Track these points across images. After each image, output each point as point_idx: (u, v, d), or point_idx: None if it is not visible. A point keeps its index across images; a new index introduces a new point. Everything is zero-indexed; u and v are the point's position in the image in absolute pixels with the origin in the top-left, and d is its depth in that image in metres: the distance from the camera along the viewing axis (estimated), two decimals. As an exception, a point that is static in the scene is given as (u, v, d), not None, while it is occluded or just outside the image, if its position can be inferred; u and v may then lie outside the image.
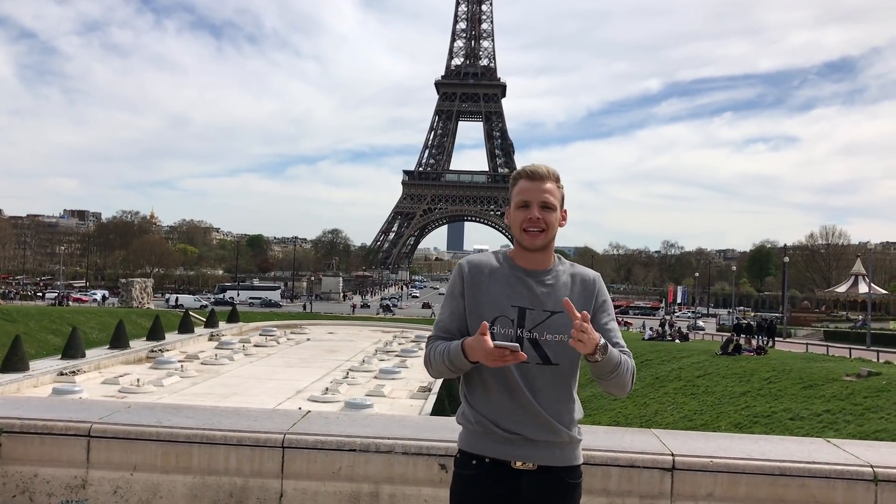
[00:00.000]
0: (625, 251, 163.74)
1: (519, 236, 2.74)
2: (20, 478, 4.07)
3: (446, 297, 2.84)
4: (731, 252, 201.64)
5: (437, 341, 2.76)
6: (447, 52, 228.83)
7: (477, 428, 2.71)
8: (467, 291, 2.74)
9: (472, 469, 2.71)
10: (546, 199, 2.70)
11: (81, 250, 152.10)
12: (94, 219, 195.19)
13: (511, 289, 2.71)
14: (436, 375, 2.81)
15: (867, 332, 47.68)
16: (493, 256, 2.83)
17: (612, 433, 4.31)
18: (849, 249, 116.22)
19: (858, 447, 4.22)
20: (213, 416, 4.38)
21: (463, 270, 2.80)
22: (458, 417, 2.85)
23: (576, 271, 2.80)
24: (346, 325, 57.64)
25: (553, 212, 2.72)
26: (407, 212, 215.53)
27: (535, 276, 2.73)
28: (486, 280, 2.74)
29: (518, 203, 2.73)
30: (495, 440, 2.68)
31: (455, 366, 2.63)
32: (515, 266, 2.76)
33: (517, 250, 2.80)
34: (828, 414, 18.75)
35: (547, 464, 2.67)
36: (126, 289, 60.33)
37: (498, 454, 2.67)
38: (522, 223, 2.71)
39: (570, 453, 2.73)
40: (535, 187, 2.71)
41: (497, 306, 2.69)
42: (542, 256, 2.76)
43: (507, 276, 2.73)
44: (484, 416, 2.70)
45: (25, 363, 27.03)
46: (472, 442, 2.74)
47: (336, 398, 24.63)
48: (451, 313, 2.78)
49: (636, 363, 2.74)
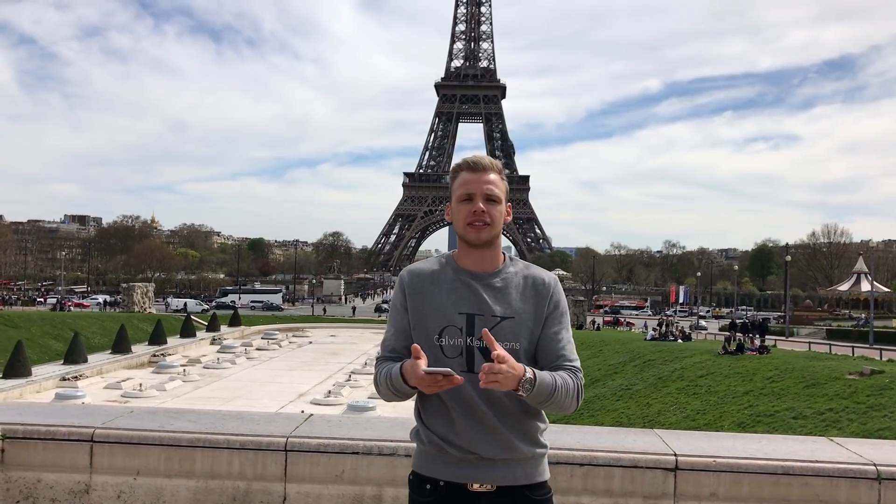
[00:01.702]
0: (626, 251, 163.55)
1: (463, 231, 2.54)
2: (23, 483, 4.07)
3: (391, 313, 2.64)
4: (732, 251, 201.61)
5: (383, 363, 2.56)
6: (446, 53, 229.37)
7: (429, 448, 2.52)
8: (410, 304, 2.55)
9: (427, 495, 2.52)
10: (490, 190, 2.51)
11: (82, 255, 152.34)
12: (95, 224, 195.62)
13: (456, 295, 2.51)
14: (386, 399, 2.58)
15: (870, 330, 47.66)
16: (436, 261, 2.64)
17: (615, 434, 4.31)
18: (850, 247, 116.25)
19: (862, 446, 4.21)
20: (215, 420, 4.38)
21: (403, 281, 2.59)
22: (411, 436, 2.66)
23: (530, 273, 2.58)
24: (348, 327, 57.64)
25: (498, 204, 2.53)
26: (408, 214, 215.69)
27: (482, 278, 2.53)
28: (429, 288, 2.54)
29: (460, 196, 2.54)
30: (449, 461, 2.48)
31: (399, 391, 2.45)
32: (460, 269, 2.56)
33: (462, 249, 2.60)
34: (831, 413, 18.74)
35: (507, 483, 2.47)
36: (127, 293, 60.37)
37: (453, 477, 2.48)
38: (466, 217, 2.51)
39: (532, 469, 2.52)
40: (477, 179, 2.52)
41: (443, 315, 2.49)
42: (490, 255, 2.56)
43: (452, 282, 2.53)
44: (437, 436, 2.50)
45: (28, 368, 27.04)
46: (424, 464, 2.55)
47: (338, 401, 24.63)
48: (395, 331, 2.59)
49: (638, 363, 2.71)
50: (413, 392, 2.45)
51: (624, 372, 29.64)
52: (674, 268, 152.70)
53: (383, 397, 2.56)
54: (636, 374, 28.67)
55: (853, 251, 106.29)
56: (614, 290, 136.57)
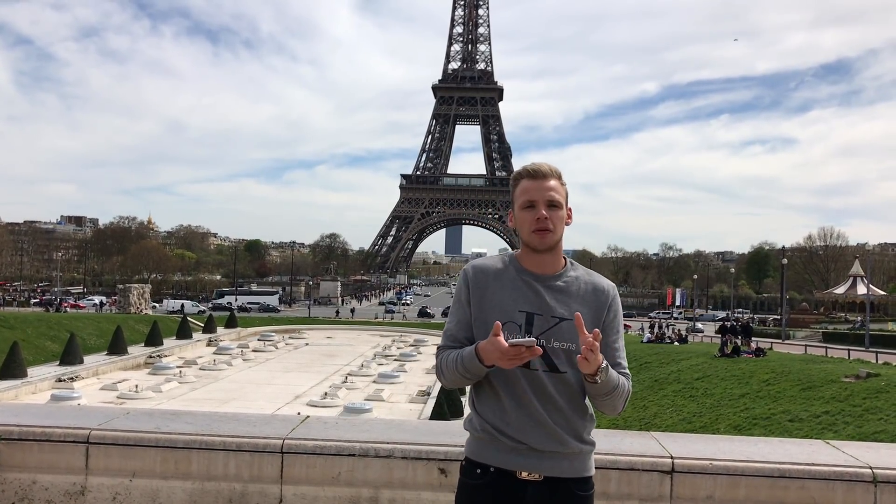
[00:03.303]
0: (623, 254, 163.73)
1: (528, 238, 2.62)
2: (19, 485, 4.06)
3: (453, 305, 2.74)
4: (729, 254, 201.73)
5: (446, 350, 2.65)
6: (444, 55, 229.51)
7: (483, 436, 2.63)
8: (473, 298, 2.64)
9: (477, 478, 2.62)
10: (552, 196, 2.60)
11: (79, 256, 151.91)
12: (92, 225, 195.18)
13: (518, 293, 2.60)
14: (450, 385, 2.73)
15: (866, 333, 47.75)
16: (500, 259, 2.72)
17: (612, 436, 4.30)
18: (847, 251, 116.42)
19: (858, 448, 4.21)
20: (211, 422, 4.38)
21: (468, 276, 2.69)
22: (465, 424, 2.76)
23: (591, 279, 2.68)
24: (345, 329, 57.52)
25: (559, 210, 2.61)
26: (405, 216, 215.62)
27: (544, 280, 2.63)
28: (492, 285, 2.64)
29: (523, 204, 2.62)
30: (501, 449, 2.59)
31: (470, 372, 2.54)
32: (523, 269, 2.65)
33: (525, 253, 2.68)
34: (827, 415, 18.76)
35: (554, 475, 2.58)
36: (124, 295, 60.21)
37: (503, 463, 2.58)
38: (530, 224, 2.59)
39: (579, 464, 2.62)
40: (539, 186, 2.61)
41: (504, 312, 2.58)
42: (551, 259, 2.65)
43: (514, 280, 2.63)
44: (490, 424, 2.61)
45: (23, 370, 26.94)
46: (477, 450, 2.65)
47: (335, 403, 24.59)
48: (458, 322, 2.68)
49: (635, 366, 2.74)
50: (485, 372, 2.54)
51: (620, 374, 29.60)
52: (670, 270, 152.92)
53: (447, 382, 2.67)
54: (633, 376, 28.57)
55: (849, 254, 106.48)
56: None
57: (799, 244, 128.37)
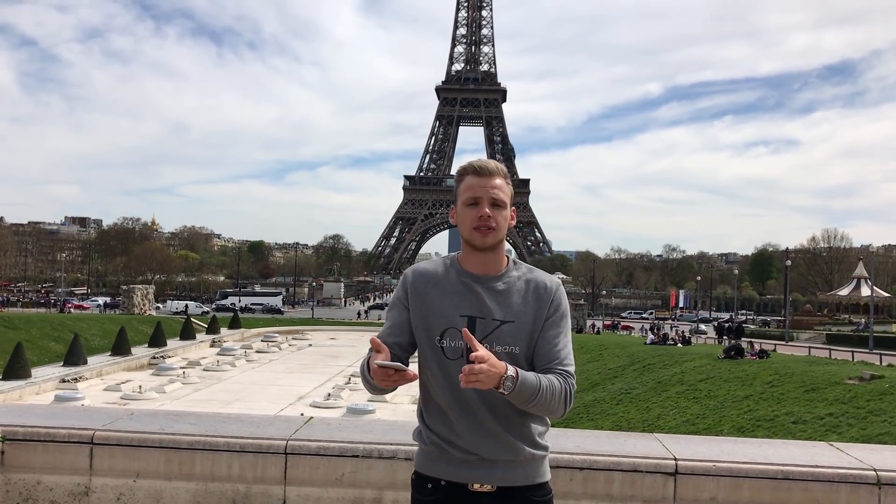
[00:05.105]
0: (626, 255, 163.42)
1: (469, 235, 2.55)
2: (23, 485, 4.07)
3: (389, 309, 2.67)
4: (732, 255, 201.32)
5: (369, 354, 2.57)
6: (447, 57, 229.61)
7: (431, 448, 2.55)
8: (412, 303, 2.58)
9: (428, 493, 2.56)
10: (496, 195, 2.53)
11: (82, 257, 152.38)
12: (95, 226, 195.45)
13: (459, 297, 2.53)
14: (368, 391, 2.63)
15: (870, 335, 47.62)
16: (440, 262, 2.66)
17: (615, 438, 4.31)
18: (851, 252, 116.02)
19: (861, 451, 4.21)
20: (215, 423, 4.39)
21: (406, 280, 2.63)
22: (414, 436, 2.68)
23: (533, 276, 2.59)
24: (348, 330, 57.56)
25: (503, 209, 2.55)
26: (408, 217, 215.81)
27: (485, 282, 2.55)
28: (433, 289, 2.57)
29: (466, 200, 2.55)
30: (451, 461, 2.51)
31: (369, 382, 2.47)
32: (463, 272, 2.58)
33: (466, 252, 2.61)
34: (830, 417, 18.72)
35: (507, 484, 2.50)
36: (127, 296, 60.34)
37: (454, 476, 2.51)
38: (472, 221, 2.52)
39: (533, 471, 2.55)
40: (484, 183, 2.54)
41: (445, 317, 2.51)
42: (493, 258, 2.58)
43: (454, 284, 2.56)
44: (437, 436, 2.53)
45: (27, 370, 27.00)
46: (426, 463, 2.58)
47: (338, 404, 24.60)
48: (391, 325, 2.62)
49: (638, 367, 2.71)
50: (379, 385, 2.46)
51: (623, 376, 29.63)
52: (674, 272, 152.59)
53: (368, 389, 2.60)
54: (636, 377, 28.66)
55: (853, 256, 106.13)
56: (614, 295, 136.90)
57: (802, 246, 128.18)
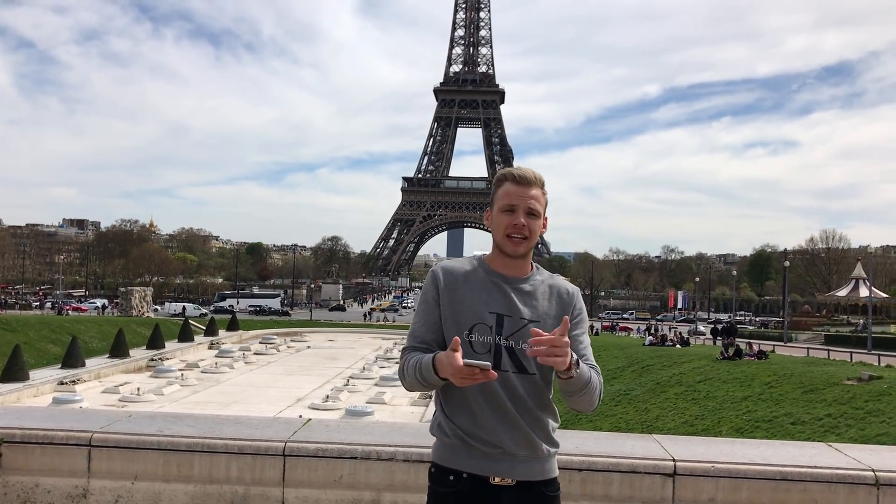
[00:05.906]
0: (625, 256, 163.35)
1: (501, 241, 2.62)
2: (21, 488, 4.06)
3: (419, 305, 2.71)
4: (731, 257, 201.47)
5: (411, 353, 2.63)
6: (446, 58, 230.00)
7: (454, 441, 2.58)
8: (443, 299, 2.63)
9: (450, 485, 2.58)
10: (532, 205, 2.60)
11: (80, 259, 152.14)
12: (94, 228, 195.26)
13: (488, 295, 2.60)
14: (409, 389, 2.67)
15: (868, 335, 47.63)
16: (468, 261, 2.72)
17: (614, 439, 4.30)
18: (849, 253, 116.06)
19: (860, 451, 4.21)
20: (214, 425, 4.38)
21: (437, 277, 2.67)
22: (432, 429, 2.70)
23: (555, 283, 2.70)
24: (346, 332, 57.55)
25: (537, 219, 2.62)
26: (406, 218, 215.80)
27: (513, 282, 2.63)
28: (462, 286, 2.62)
29: (503, 207, 2.62)
30: (473, 454, 2.56)
31: (427, 381, 2.50)
32: (492, 271, 2.65)
33: (495, 255, 2.68)
34: (829, 418, 18.72)
35: (526, 479, 2.56)
36: (125, 297, 60.26)
37: (477, 469, 2.55)
38: (507, 228, 2.60)
39: (547, 466, 2.63)
40: (521, 192, 2.60)
41: (475, 313, 2.58)
42: (521, 263, 2.66)
43: (484, 282, 2.62)
44: (461, 429, 2.57)
45: (25, 373, 26.96)
46: (448, 456, 2.61)
47: (337, 406, 24.58)
48: (425, 322, 2.66)
49: (637, 369, 2.74)
50: (441, 384, 2.51)
51: (622, 377, 29.62)
52: (672, 273, 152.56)
53: (408, 386, 2.64)
54: (634, 379, 28.66)
55: (851, 257, 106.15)
56: (613, 296, 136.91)
57: (801, 247, 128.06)
